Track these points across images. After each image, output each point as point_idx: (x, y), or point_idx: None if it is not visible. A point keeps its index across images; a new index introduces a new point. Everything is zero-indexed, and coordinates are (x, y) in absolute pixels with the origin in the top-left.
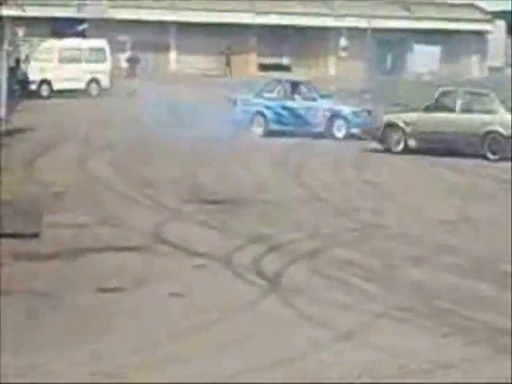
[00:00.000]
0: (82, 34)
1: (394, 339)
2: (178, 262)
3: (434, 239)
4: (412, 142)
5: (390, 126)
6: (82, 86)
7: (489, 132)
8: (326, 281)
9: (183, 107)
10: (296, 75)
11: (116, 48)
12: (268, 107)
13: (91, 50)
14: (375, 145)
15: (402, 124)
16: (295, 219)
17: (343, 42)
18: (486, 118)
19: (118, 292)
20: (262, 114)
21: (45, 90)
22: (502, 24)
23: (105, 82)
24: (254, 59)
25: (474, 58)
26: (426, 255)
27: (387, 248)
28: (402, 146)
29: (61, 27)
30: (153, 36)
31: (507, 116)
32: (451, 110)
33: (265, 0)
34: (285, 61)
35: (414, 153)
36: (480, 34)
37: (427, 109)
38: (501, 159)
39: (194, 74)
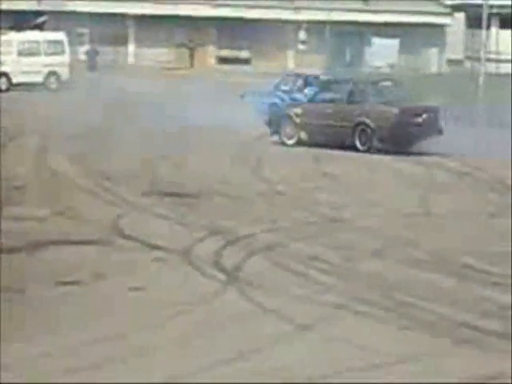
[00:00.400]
0: (41, 27)
1: (353, 332)
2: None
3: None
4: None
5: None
6: (40, 79)
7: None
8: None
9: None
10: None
11: (75, 41)
12: (282, 99)
13: (49, 42)
14: None
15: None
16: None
17: (302, 35)
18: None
19: (77, 285)
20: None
21: (3, 84)
22: (461, 17)
23: (64, 75)
24: (212, 52)
25: (433, 51)
26: None
27: None
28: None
29: (20, 20)
30: (111, 28)
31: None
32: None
33: None
34: (244, 54)
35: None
36: (439, 26)
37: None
38: None
39: (153, 67)
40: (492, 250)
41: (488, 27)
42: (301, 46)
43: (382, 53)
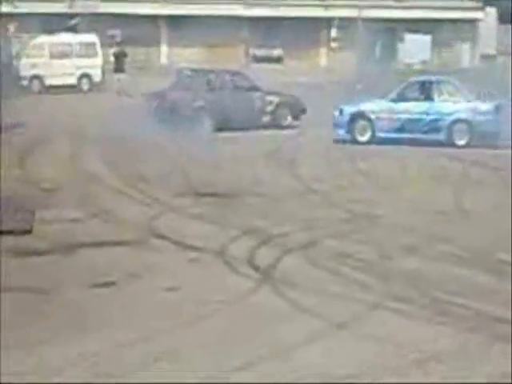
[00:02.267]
0: (73, 29)
1: (389, 329)
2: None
3: None
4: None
5: None
6: (73, 81)
7: None
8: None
9: None
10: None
11: (107, 43)
12: None
13: (82, 44)
14: None
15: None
16: None
17: (334, 32)
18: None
19: (113, 287)
20: None
21: (36, 86)
22: (492, 11)
23: (96, 76)
24: (244, 50)
25: (466, 47)
26: None
27: None
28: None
29: (52, 22)
30: (143, 30)
31: None
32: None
33: None
34: (276, 52)
35: None
36: (471, 21)
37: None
38: None
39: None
40: None
41: None
42: (333, 44)
43: (414, 49)
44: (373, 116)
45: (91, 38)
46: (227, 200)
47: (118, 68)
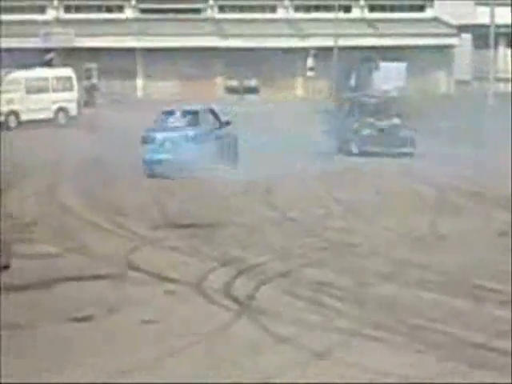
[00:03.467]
0: (49, 64)
1: (367, 357)
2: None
3: None
4: None
5: None
6: (50, 115)
7: None
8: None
9: None
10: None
11: (84, 76)
12: None
13: (58, 79)
14: None
15: None
16: None
17: (310, 62)
18: None
19: (91, 321)
20: None
21: (12, 122)
22: (467, 37)
23: (72, 110)
24: (220, 82)
25: (441, 73)
26: None
27: None
28: None
29: (27, 57)
30: (120, 63)
31: None
32: None
33: (231, 23)
34: (252, 83)
35: None
36: (446, 48)
37: None
38: None
39: (160, 100)
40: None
41: (495, 47)
42: (309, 73)
43: (390, 76)
44: None
45: (67, 71)
46: None
47: (89, 102)
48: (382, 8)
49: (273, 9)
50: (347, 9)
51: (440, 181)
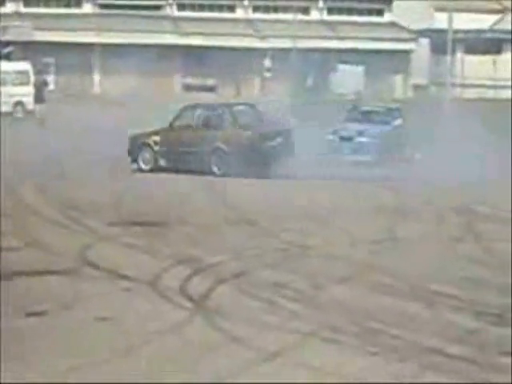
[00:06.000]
0: (7, 57)
1: (321, 359)
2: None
3: None
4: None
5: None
6: (8, 108)
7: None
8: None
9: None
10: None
11: (41, 70)
12: None
13: (16, 73)
14: None
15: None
16: None
17: (267, 62)
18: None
19: (45, 316)
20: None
21: None
22: (425, 42)
23: (29, 104)
24: (178, 80)
25: (398, 77)
26: None
27: None
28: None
29: None
30: (78, 58)
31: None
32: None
33: (190, 21)
34: (210, 81)
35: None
36: (404, 52)
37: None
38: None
39: (116, 96)
40: None
41: (453, 53)
42: (266, 74)
43: (347, 79)
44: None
45: (24, 65)
46: None
47: (39, 98)
48: (341, 11)
49: (231, 8)
50: (306, 10)
51: None
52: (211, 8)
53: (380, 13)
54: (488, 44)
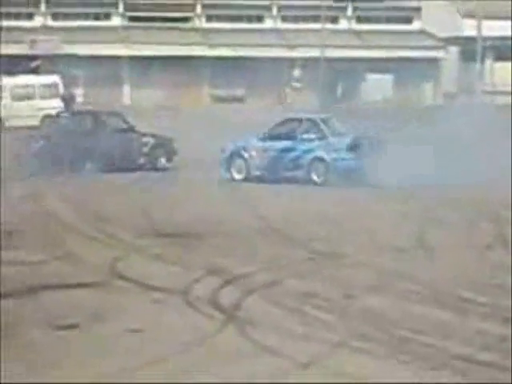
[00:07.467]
0: (35, 71)
1: (354, 368)
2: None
3: None
4: None
5: None
6: (35, 122)
7: None
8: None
9: None
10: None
11: (70, 83)
12: None
13: (44, 86)
14: None
15: None
16: None
17: (296, 72)
18: None
19: (76, 329)
20: None
21: None
22: (454, 50)
23: None
24: (206, 91)
25: (428, 84)
26: None
27: None
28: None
29: (13, 64)
30: (106, 71)
31: None
32: None
33: (218, 32)
34: (239, 92)
35: None
36: (433, 60)
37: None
38: None
39: (146, 108)
40: None
41: (482, 60)
42: (295, 84)
43: (376, 88)
44: (246, 154)
45: (53, 79)
46: None
47: (67, 111)
48: (369, 20)
49: (260, 19)
50: (334, 20)
51: None
52: (240, 19)
53: (409, 21)
54: None
